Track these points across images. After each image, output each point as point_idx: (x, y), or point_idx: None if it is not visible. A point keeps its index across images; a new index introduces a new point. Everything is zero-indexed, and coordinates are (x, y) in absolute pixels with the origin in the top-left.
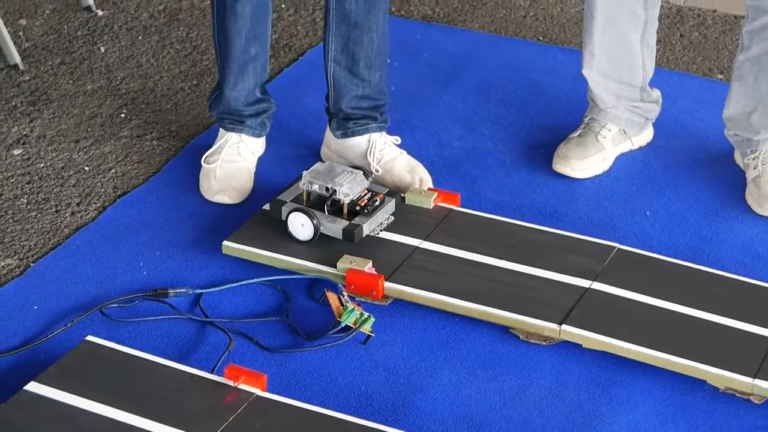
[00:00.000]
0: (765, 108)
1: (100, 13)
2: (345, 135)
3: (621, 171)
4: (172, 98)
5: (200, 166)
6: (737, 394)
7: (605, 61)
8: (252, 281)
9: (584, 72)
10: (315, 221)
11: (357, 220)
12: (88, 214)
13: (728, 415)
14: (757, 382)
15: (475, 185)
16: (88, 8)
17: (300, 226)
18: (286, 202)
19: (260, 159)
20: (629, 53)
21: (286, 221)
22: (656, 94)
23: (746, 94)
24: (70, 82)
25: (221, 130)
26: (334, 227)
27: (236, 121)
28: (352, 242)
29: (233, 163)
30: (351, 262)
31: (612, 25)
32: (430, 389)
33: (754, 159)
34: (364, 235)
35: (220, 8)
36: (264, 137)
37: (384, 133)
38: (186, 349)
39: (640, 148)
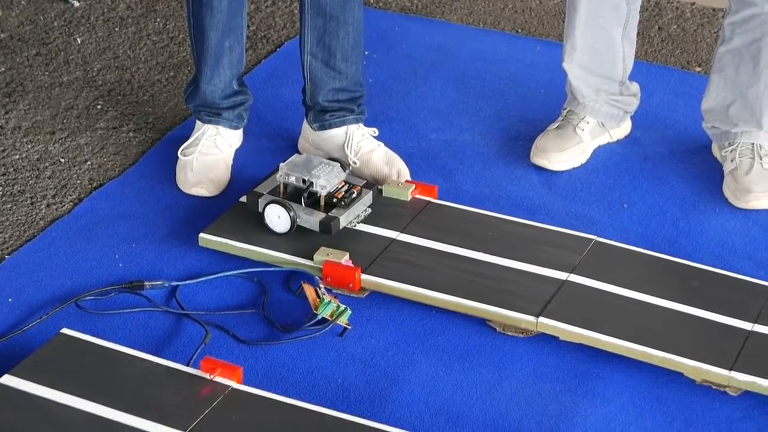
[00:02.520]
0: (744, 100)
1: (76, 4)
2: (322, 127)
3: (599, 163)
4: (148, 90)
5: (177, 158)
6: (714, 386)
7: (587, 55)
8: (228, 273)
9: (565, 65)
10: (292, 213)
11: (334, 212)
12: (64, 206)
13: (705, 407)
14: (734, 374)
15: (452, 177)
16: None
17: (277, 218)
18: (263, 194)
19: (237, 151)
20: (611, 47)
21: (262, 213)
22: (635, 87)
23: (726, 86)
24: (46, 73)
25: (198, 122)
26: (311, 219)
27: (213, 114)
28: (329, 234)
29: (210, 155)
30: (328, 255)
31: (595, 18)
32: (406, 382)
33: (731, 152)
34: (341, 228)
35: (196, 2)
36: (241, 129)
37: (361, 125)
38: (162, 341)
39: (618, 140)
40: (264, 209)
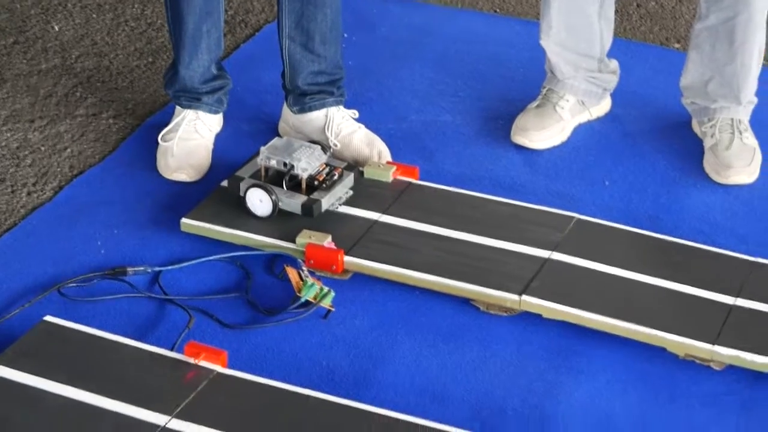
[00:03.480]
0: (722, 77)
1: None
2: (302, 110)
3: (579, 141)
4: (127, 76)
5: (157, 143)
6: (697, 361)
7: (563, 32)
8: (211, 258)
9: (542, 42)
10: (273, 197)
11: (315, 195)
12: (45, 193)
13: (688, 382)
14: (717, 348)
15: (433, 158)
16: None
17: (258, 201)
18: (244, 179)
19: (218, 135)
20: (587, 24)
21: (244, 197)
22: (614, 64)
23: (703, 62)
24: (24, 61)
25: (177, 107)
26: (293, 202)
27: (192, 98)
28: (311, 217)
29: (190, 140)
30: (310, 237)
31: None
32: (391, 362)
33: (711, 127)
34: (323, 210)
35: None
36: (221, 114)
37: (341, 107)
38: (145, 327)
39: (598, 118)
40: (245, 193)
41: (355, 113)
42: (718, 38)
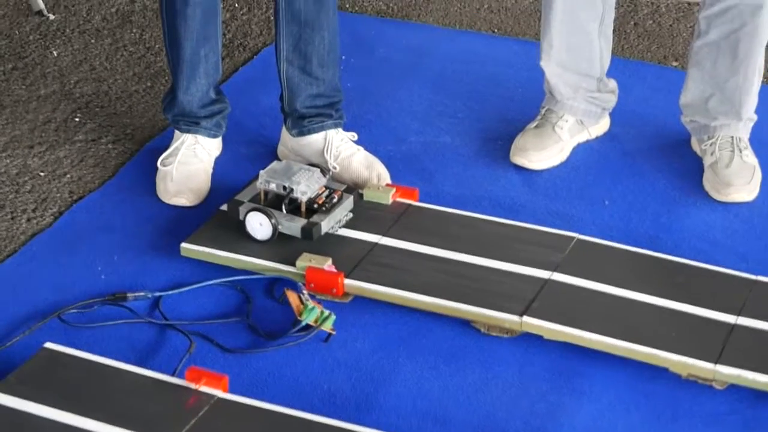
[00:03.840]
0: (722, 93)
1: (51, 17)
2: (301, 133)
3: (578, 161)
4: (126, 101)
5: (156, 168)
6: (699, 381)
7: (564, 52)
8: (211, 282)
9: (542, 64)
10: (273, 220)
11: (315, 218)
12: (44, 219)
13: (691, 402)
14: (719, 367)
15: (433, 179)
16: (40, 12)
17: (258, 225)
18: (244, 202)
19: (217, 159)
20: (587, 43)
21: (244, 221)
22: (613, 84)
23: (704, 79)
24: (23, 87)
25: (176, 132)
26: (293, 226)
27: (191, 123)
28: (311, 240)
29: (190, 164)
30: (310, 260)
31: (571, 15)
32: (392, 385)
33: (711, 145)
34: (322, 233)
35: (170, 12)
36: (220, 137)
37: (340, 129)
38: (146, 352)
39: (597, 137)
40: (245, 217)
41: (354, 136)
42: (720, 53)
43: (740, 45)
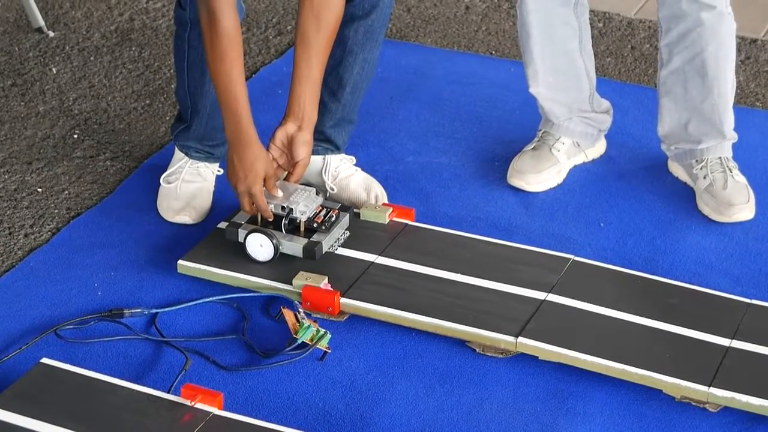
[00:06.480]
0: (700, 115)
1: (51, 34)
2: None
3: (575, 183)
4: (125, 118)
5: (156, 185)
6: (693, 403)
7: (550, 75)
8: (208, 300)
9: (532, 90)
10: (275, 241)
11: (315, 237)
12: (42, 235)
13: (684, 424)
14: (713, 390)
15: (429, 200)
16: (39, 29)
17: (259, 246)
18: (242, 224)
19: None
20: (570, 62)
21: (244, 243)
22: (606, 104)
23: (678, 106)
24: (22, 103)
25: (178, 150)
26: (294, 245)
27: (204, 152)
28: (313, 260)
29: (193, 183)
30: (306, 279)
31: (549, 38)
32: (387, 404)
33: (701, 168)
34: (324, 252)
35: (193, 67)
36: None
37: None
38: (142, 369)
39: (593, 160)
40: (245, 239)
41: (353, 159)
42: (689, 78)
43: (707, 65)
